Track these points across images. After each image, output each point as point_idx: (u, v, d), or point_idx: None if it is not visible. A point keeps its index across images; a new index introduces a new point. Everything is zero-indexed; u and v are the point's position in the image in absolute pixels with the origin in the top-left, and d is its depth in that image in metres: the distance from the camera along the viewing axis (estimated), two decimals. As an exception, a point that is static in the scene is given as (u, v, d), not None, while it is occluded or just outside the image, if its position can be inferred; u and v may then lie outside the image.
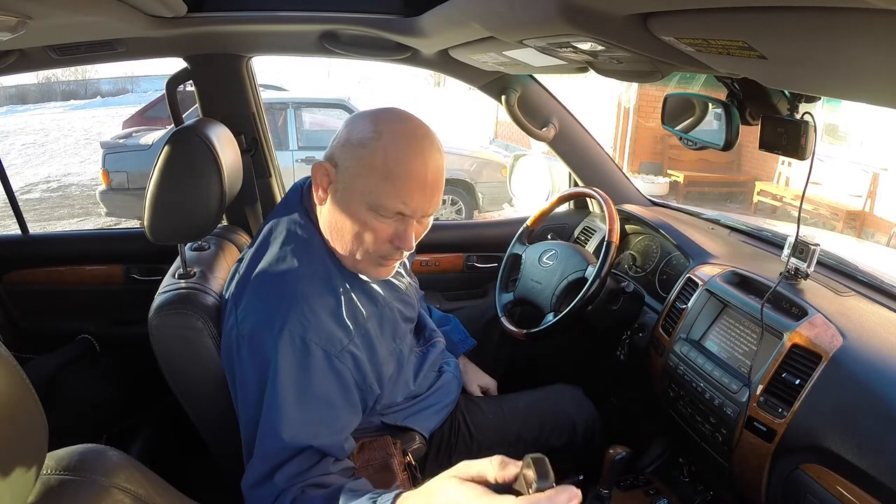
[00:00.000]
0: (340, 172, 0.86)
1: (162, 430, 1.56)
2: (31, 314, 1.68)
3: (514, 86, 1.59)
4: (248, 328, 0.86)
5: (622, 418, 1.46)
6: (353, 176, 0.85)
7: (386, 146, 0.84)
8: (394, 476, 0.93)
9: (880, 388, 0.84)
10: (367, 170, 0.84)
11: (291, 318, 0.84)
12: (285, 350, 0.83)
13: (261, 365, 0.84)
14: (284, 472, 0.82)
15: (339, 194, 0.87)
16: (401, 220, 0.87)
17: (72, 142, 10.57)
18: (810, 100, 0.92)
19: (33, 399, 0.44)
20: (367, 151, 0.84)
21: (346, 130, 0.88)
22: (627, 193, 1.73)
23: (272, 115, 4.98)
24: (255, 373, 0.84)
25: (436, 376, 1.15)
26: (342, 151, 0.86)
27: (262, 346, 0.84)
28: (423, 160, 0.85)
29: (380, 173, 0.84)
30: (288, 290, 0.87)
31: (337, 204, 0.87)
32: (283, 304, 0.85)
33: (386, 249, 0.89)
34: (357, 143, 0.85)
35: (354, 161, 0.85)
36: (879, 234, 5.96)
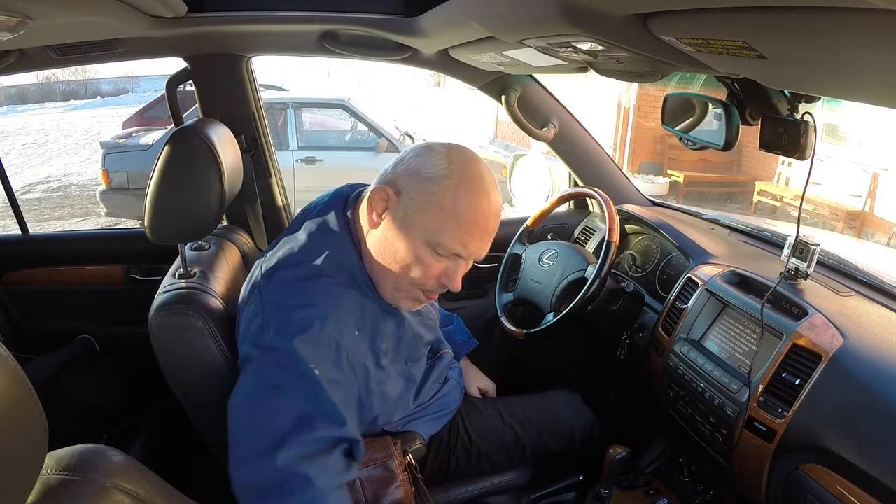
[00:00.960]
0: (403, 201, 0.85)
1: (162, 430, 1.56)
2: (31, 314, 1.68)
3: (514, 86, 1.59)
4: (283, 325, 0.82)
5: (622, 418, 1.46)
6: (417, 209, 0.84)
7: (457, 186, 0.83)
8: (394, 476, 0.93)
9: (880, 388, 0.84)
10: (434, 206, 0.83)
11: (330, 320, 0.82)
12: (323, 350, 0.81)
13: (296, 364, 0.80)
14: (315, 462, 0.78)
15: (397, 223, 0.85)
16: (454, 260, 0.87)
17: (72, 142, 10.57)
18: (810, 100, 0.92)
19: (33, 399, 0.43)
20: (437, 188, 0.83)
21: (415, 161, 0.86)
22: (627, 193, 1.73)
23: (272, 115, 4.98)
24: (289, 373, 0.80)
25: (440, 386, 1.14)
26: (409, 181, 0.85)
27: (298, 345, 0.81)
28: (489, 205, 0.86)
29: (447, 213, 0.83)
30: (325, 293, 0.85)
31: (393, 231, 0.86)
32: (320, 304, 0.83)
33: (431, 286, 0.89)
34: (427, 177, 0.84)
35: (422, 194, 0.84)
36: (879, 234, 5.96)
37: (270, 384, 0.80)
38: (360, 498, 0.92)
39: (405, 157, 0.88)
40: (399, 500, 0.93)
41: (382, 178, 0.89)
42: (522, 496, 1.23)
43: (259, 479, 0.76)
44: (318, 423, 0.78)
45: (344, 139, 5.39)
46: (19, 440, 0.42)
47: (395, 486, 0.93)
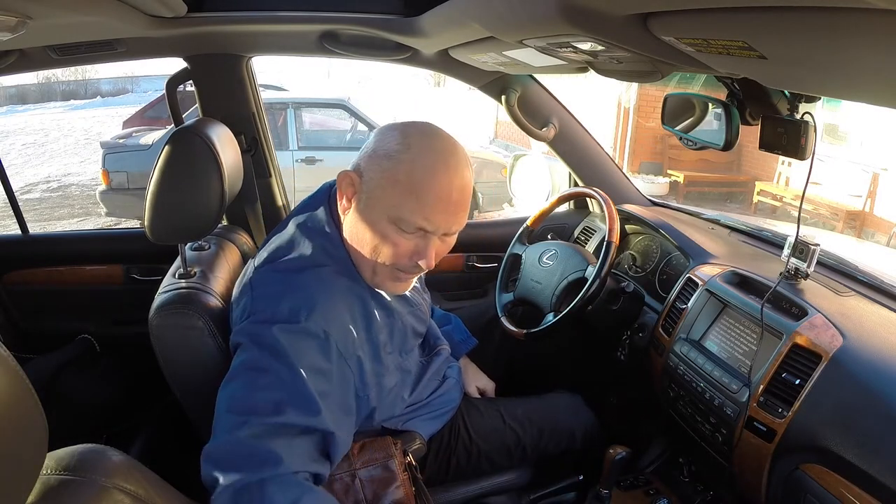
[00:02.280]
0: (365, 183, 0.85)
1: (162, 430, 1.56)
2: (31, 314, 1.68)
3: (514, 86, 1.59)
4: (269, 314, 0.83)
5: (622, 418, 1.46)
6: (376, 187, 0.84)
7: (413, 160, 0.83)
8: (394, 476, 0.93)
9: (880, 388, 0.84)
10: (390, 182, 0.83)
11: (317, 311, 0.82)
12: (307, 340, 0.81)
13: (279, 352, 0.80)
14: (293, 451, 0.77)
15: (362, 204, 0.86)
16: (422, 236, 0.86)
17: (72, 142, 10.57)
18: (810, 100, 0.92)
19: (33, 399, 0.44)
20: (392, 164, 0.83)
21: (374, 141, 0.87)
22: (627, 193, 1.73)
23: (272, 115, 4.98)
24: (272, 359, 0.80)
25: (438, 383, 1.14)
26: (368, 162, 0.86)
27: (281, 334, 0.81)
28: (449, 177, 0.84)
29: (404, 187, 0.82)
30: (314, 283, 0.85)
31: (360, 214, 0.86)
32: (308, 295, 0.84)
33: (404, 264, 0.88)
34: (384, 154, 0.84)
35: (379, 172, 0.84)
36: (879, 234, 5.95)
37: (252, 367, 0.80)
38: (360, 498, 0.92)
39: (368, 141, 0.89)
40: (399, 500, 0.93)
41: (351, 164, 0.90)
42: (522, 496, 1.23)
43: (227, 451, 0.75)
44: (290, 409, 0.77)
45: (344, 139, 5.39)
46: (19, 440, 0.42)
47: (396, 486, 0.93)
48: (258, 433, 0.75)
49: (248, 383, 0.80)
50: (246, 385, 0.80)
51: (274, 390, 0.78)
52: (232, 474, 0.73)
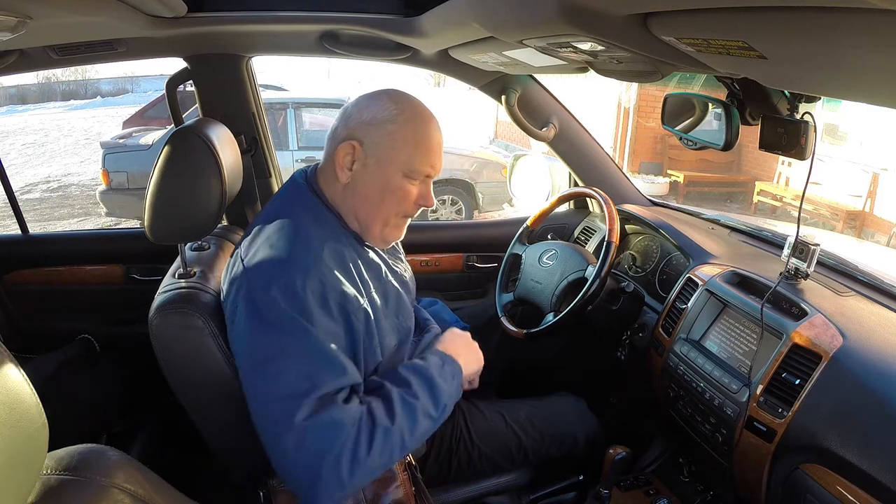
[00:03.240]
0: (369, 147, 0.94)
1: (162, 430, 1.56)
2: (31, 314, 1.68)
3: (514, 86, 1.59)
4: (264, 284, 0.86)
5: (622, 418, 1.46)
6: (386, 148, 0.94)
7: (413, 120, 0.95)
8: (394, 476, 0.94)
9: (880, 387, 0.84)
10: (400, 141, 0.94)
11: (311, 276, 0.86)
12: (312, 306, 0.84)
13: (292, 326, 0.84)
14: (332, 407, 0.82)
15: (371, 166, 0.95)
16: (423, 181, 0.99)
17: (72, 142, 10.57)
18: (810, 100, 0.92)
19: (33, 399, 0.44)
20: (397, 126, 0.94)
21: (366, 112, 0.95)
22: (627, 193, 1.73)
23: (272, 115, 4.98)
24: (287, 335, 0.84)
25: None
26: (368, 130, 0.94)
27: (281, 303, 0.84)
28: (437, 129, 0.99)
29: (412, 143, 0.95)
30: (305, 250, 0.89)
31: (369, 175, 0.95)
32: (301, 262, 0.87)
33: (412, 210, 1.00)
34: (385, 120, 0.94)
35: (386, 135, 0.94)
36: (879, 234, 5.95)
37: (272, 347, 0.84)
38: (361, 497, 0.92)
39: (351, 113, 0.97)
40: (399, 500, 0.93)
41: (337, 137, 0.97)
42: (522, 496, 1.23)
43: (297, 440, 0.80)
44: (321, 378, 0.82)
45: (344, 139, 5.38)
46: (19, 440, 0.42)
47: (395, 486, 0.93)
48: (309, 412, 0.80)
49: (278, 366, 0.83)
50: (276, 368, 0.83)
51: (298, 364, 0.82)
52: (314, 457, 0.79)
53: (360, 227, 0.99)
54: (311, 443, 0.80)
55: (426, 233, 1.84)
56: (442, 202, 5.43)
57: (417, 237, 1.79)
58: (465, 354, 1.02)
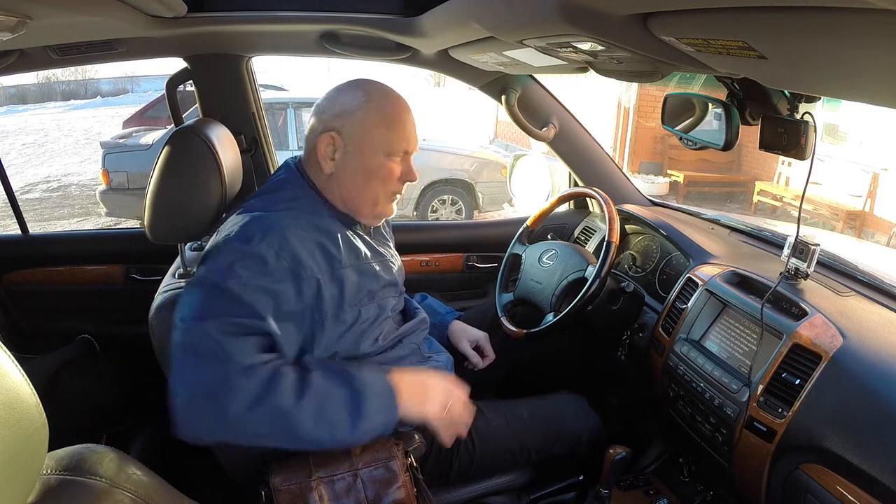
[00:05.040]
0: (346, 136, 0.99)
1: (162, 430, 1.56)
2: (31, 314, 1.68)
3: (514, 86, 1.59)
4: (228, 239, 0.90)
5: (622, 418, 1.46)
6: (361, 134, 0.99)
7: (380, 103, 1.00)
8: (395, 477, 0.93)
9: (880, 388, 0.84)
10: (373, 125, 0.99)
11: (272, 235, 0.90)
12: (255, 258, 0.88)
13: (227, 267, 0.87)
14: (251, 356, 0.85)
15: (352, 153, 1.00)
16: (404, 158, 1.04)
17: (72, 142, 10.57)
18: (810, 100, 0.92)
19: (33, 399, 0.44)
20: (367, 113, 0.99)
21: (334, 103, 1.01)
22: (627, 193, 1.73)
23: (272, 115, 4.97)
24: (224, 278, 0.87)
25: (420, 360, 1.13)
26: (342, 120, 0.99)
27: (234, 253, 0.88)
28: (406, 106, 1.04)
29: (385, 125, 1.00)
30: (277, 217, 0.94)
31: (352, 161, 1.00)
32: (267, 224, 0.92)
33: (398, 186, 1.05)
34: (355, 108, 0.99)
35: (359, 123, 0.99)
36: (879, 234, 5.95)
37: (208, 283, 0.88)
38: (362, 497, 0.92)
39: (323, 106, 1.02)
40: (400, 501, 0.93)
41: (315, 132, 1.01)
42: (522, 496, 1.23)
43: (189, 339, 0.84)
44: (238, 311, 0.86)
45: (344, 139, 5.38)
46: (19, 440, 0.42)
47: (397, 487, 0.93)
48: (213, 328, 0.84)
49: (206, 295, 0.87)
50: (204, 297, 0.87)
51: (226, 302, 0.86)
52: (199, 369, 0.83)
53: (351, 210, 1.04)
54: (201, 349, 0.83)
55: (426, 233, 1.84)
56: (442, 202, 5.43)
57: (417, 237, 1.79)
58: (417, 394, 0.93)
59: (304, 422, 0.83)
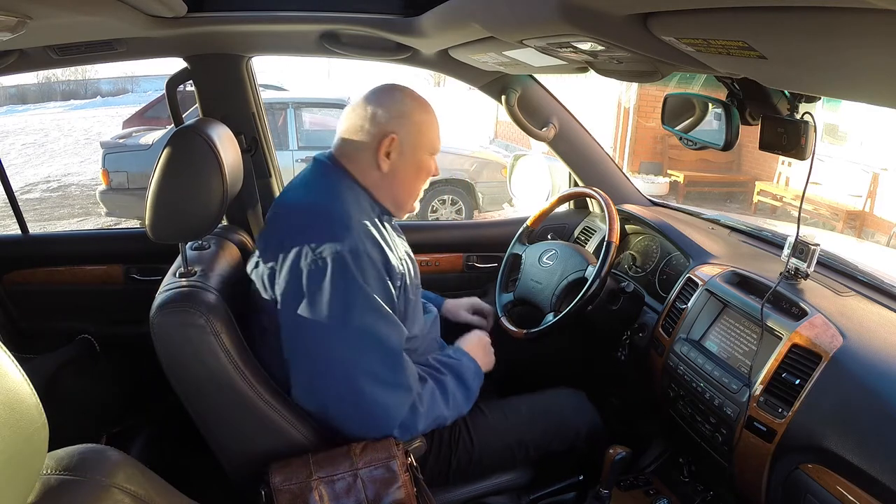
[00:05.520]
0: (403, 137, 1.08)
1: (162, 430, 1.56)
2: (31, 314, 1.68)
3: (514, 86, 1.59)
4: (324, 253, 0.96)
5: (622, 418, 1.46)
6: (416, 135, 1.10)
7: (424, 107, 1.12)
8: (395, 477, 0.94)
9: (880, 388, 0.84)
10: (425, 127, 1.11)
11: (362, 242, 0.99)
12: (364, 264, 0.97)
13: (349, 280, 0.96)
14: (407, 375, 1.01)
15: (408, 153, 1.10)
16: (433, 156, 1.16)
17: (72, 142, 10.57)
18: (810, 100, 0.92)
19: (33, 399, 0.44)
20: (417, 115, 1.10)
21: (392, 107, 1.09)
22: (627, 193, 1.73)
23: (272, 115, 4.97)
24: (343, 288, 0.96)
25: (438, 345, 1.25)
26: (400, 122, 1.08)
27: (344, 264, 0.96)
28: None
29: (429, 127, 1.12)
30: (349, 221, 1.01)
31: (407, 160, 1.10)
32: (351, 229, 0.99)
33: (426, 181, 1.17)
34: (409, 112, 1.10)
35: (413, 125, 1.10)
36: (879, 234, 5.95)
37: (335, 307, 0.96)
38: (362, 497, 0.92)
39: (376, 110, 1.08)
40: (400, 501, 0.93)
41: (369, 133, 1.08)
42: (522, 496, 1.23)
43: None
44: (397, 339, 1.01)
45: (344, 139, 5.38)
46: (19, 440, 0.42)
47: (397, 487, 0.93)
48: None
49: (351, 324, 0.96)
50: (360, 332, 0.97)
51: (382, 326, 0.98)
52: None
53: (397, 204, 1.14)
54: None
55: (426, 233, 1.84)
56: (442, 202, 5.42)
57: (417, 237, 1.79)
58: (482, 359, 1.19)
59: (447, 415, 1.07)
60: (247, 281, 1.08)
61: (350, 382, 0.96)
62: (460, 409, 1.10)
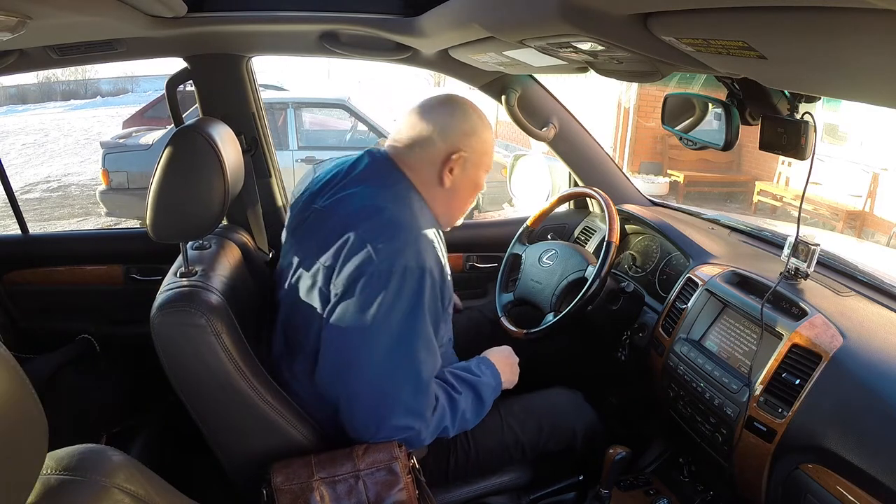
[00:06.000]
0: (469, 155, 1.09)
1: (162, 430, 1.56)
2: (31, 314, 1.68)
3: (514, 86, 1.59)
4: (393, 264, 0.95)
5: (622, 418, 1.46)
6: (480, 154, 1.11)
7: (487, 126, 1.13)
8: (397, 479, 0.93)
9: (880, 388, 0.84)
10: (488, 146, 1.13)
11: (429, 258, 0.98)
12: (426, 283, 0.96)
13: (410, 296, 0.95)
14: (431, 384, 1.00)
15: (471, 170, 1.11)
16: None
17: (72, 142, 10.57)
18: (810, 100, 0.92)
19: (33, 399, 0.43)
20: (485, 134, 1.11)
21: (462, 123, 1.08)
22: (627, 193, 1.73)
23: (272, 115, 4.97)
24: (403, 303, 0.95)
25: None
26: (467, 140, 1.08)
27: (410, 279, 0.95)
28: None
29: (491, 146, 1.14)
30: (419, 234, 1.00)
31: (467, 178, 1.11)
32: (422, 247, 0.98)
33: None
34: (478, 130, 1.10)
35: (479, 144, 1.10)
36: (879, 234, 5.95)
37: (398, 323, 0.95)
38: (363, 499, 0.92)
39: (446, 124, 1.07)
40: (402, 503, 0.93)
41: (436, 147, 1.07)
42: (522, 496, 1.23)
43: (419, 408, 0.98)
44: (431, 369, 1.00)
45: (344, 139, 5.38)
46: (19, 440, 0.42)
47: (399, 489, 0.93)
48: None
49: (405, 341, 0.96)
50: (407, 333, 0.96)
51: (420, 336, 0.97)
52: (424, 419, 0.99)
53: (448, 218, 1.16)
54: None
55: None
56: (442, 202, 5.41)
57: (417, 237, 1.79)
58: (507, 376, 1.18)
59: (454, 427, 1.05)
60: (254, 278, 1.08)
61: (373, 388, 0.95)
62: (467, 425, 1.08)
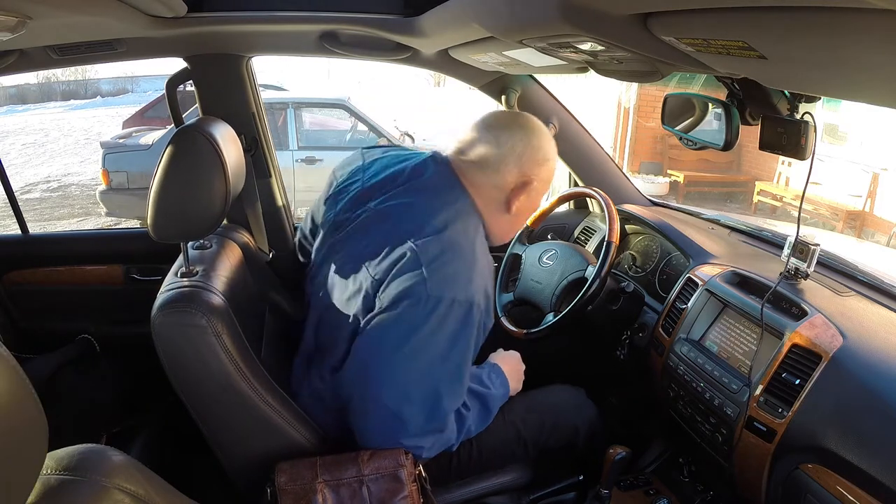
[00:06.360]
0: (538, 183, 1.07)
1: (162, 430, 1.56)
2: (31, 314, 1.68)
3: (514, 86, 1.59)
4: (443, 293, 0.93)
5: (622, 418, 1.46)
6: (545, 182, 1.10)
7: (555, 152, 1.10)
8: (402, 486, 0.92)
9: (880, 388, 0.84)
10: (553, 172, 1.11)
11: (478, 292, 0.96)
12: (471, 319, 0.95)
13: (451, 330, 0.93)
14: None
15: (532, 198, 1.08)
16: None
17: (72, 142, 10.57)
18: (810, 100, 0.92)
19: (33, 399, 0.43)
20: (554, 162, 1.10)
21: (537, 151, 1.06)
22: (627, 193, 1.73)
23: (272, 115, 4.97)
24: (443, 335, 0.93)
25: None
26: (538, 169, 1.06)
27: (456, 312, 0.93)
28: None
29: (554, 172, 1.12)
30: (473, 264, 0.98)
31: (531, 204, 1.09)
32: (474, 279, 0.96)
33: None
34: (551, 157, 1.09)
35: (547, 173, 1.09)
36: (879, 234, 5.95)
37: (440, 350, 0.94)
38: (366, 502, 0.92)
39: (522, 151, 1.04)
40: (406, 508, 0.92)
41: (509, 172, 1.04)
42: (522, 496, 1.23)
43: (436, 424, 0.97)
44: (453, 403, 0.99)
45: (344, 139, 5.39)
46: (19, 440, 0.42)
47: (402, 497, 0.92)
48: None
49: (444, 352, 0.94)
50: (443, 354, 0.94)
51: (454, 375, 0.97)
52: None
53: (500, 238, 1.13)
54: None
55: None
56: (442, 202, 5.41)
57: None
58: (513, 384, 1.18)
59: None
60: (255, 278, 1.08)
61: (391, 410, 0.94)
62: (470, 434, 1.07)
